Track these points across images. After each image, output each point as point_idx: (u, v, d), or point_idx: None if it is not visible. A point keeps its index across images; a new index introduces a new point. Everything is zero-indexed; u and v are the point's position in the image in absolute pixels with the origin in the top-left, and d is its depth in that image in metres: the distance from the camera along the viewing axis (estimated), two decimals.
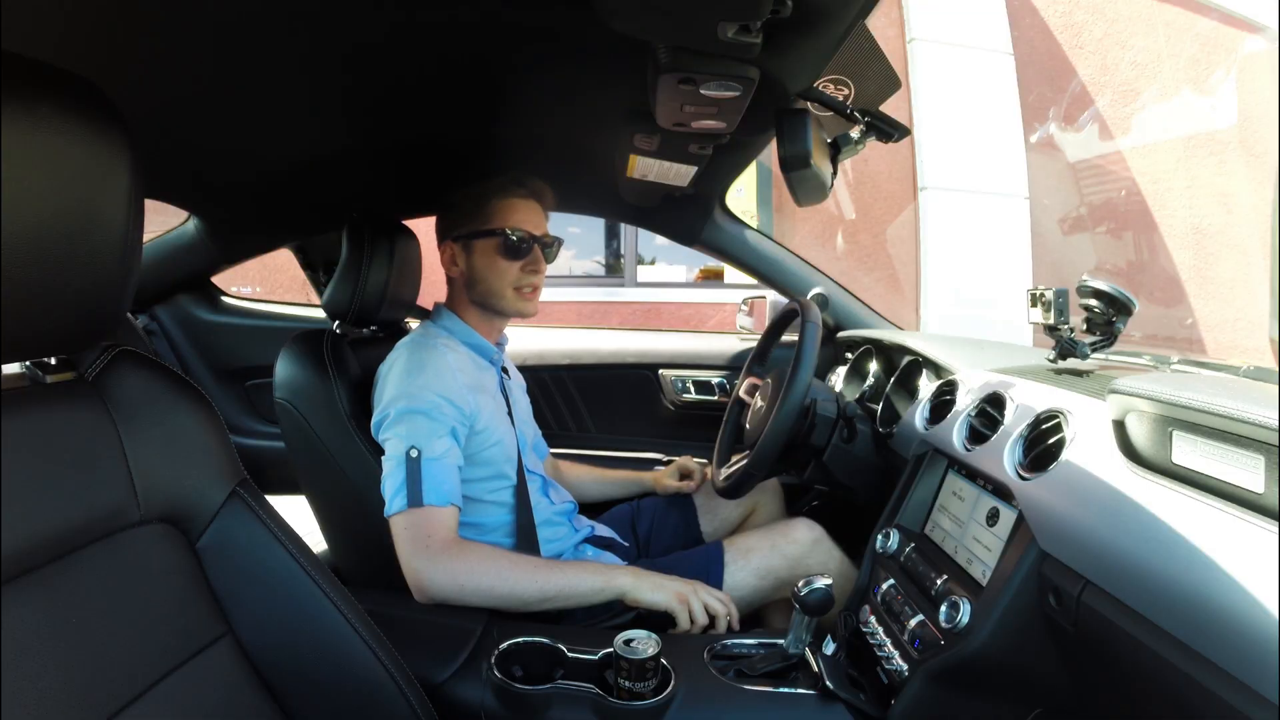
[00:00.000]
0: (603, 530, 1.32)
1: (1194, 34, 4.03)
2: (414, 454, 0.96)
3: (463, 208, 1.14)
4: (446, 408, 1.01)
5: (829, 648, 0.88)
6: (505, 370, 1.25)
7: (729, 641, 0.92)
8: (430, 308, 1.23)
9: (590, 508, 1.42)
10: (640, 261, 4.25)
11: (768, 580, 1.13)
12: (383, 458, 1.00)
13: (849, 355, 1.64)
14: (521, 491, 1.13)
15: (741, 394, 1.41)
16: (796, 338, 1.11)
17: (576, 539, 1.24)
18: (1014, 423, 0.85)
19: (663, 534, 1.38)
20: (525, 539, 1.11)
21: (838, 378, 1.66)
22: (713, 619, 0.99)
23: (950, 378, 1.10)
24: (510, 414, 1.19)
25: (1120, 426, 0.68)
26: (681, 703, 0.79)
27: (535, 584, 0.95)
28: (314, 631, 0.64)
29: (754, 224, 1.72)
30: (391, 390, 1.02)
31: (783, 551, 1.14)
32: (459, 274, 1.16)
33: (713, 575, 1.10)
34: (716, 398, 1.83)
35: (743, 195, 4.13)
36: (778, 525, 1.20)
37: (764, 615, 1.22)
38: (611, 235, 4.34)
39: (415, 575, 0.94)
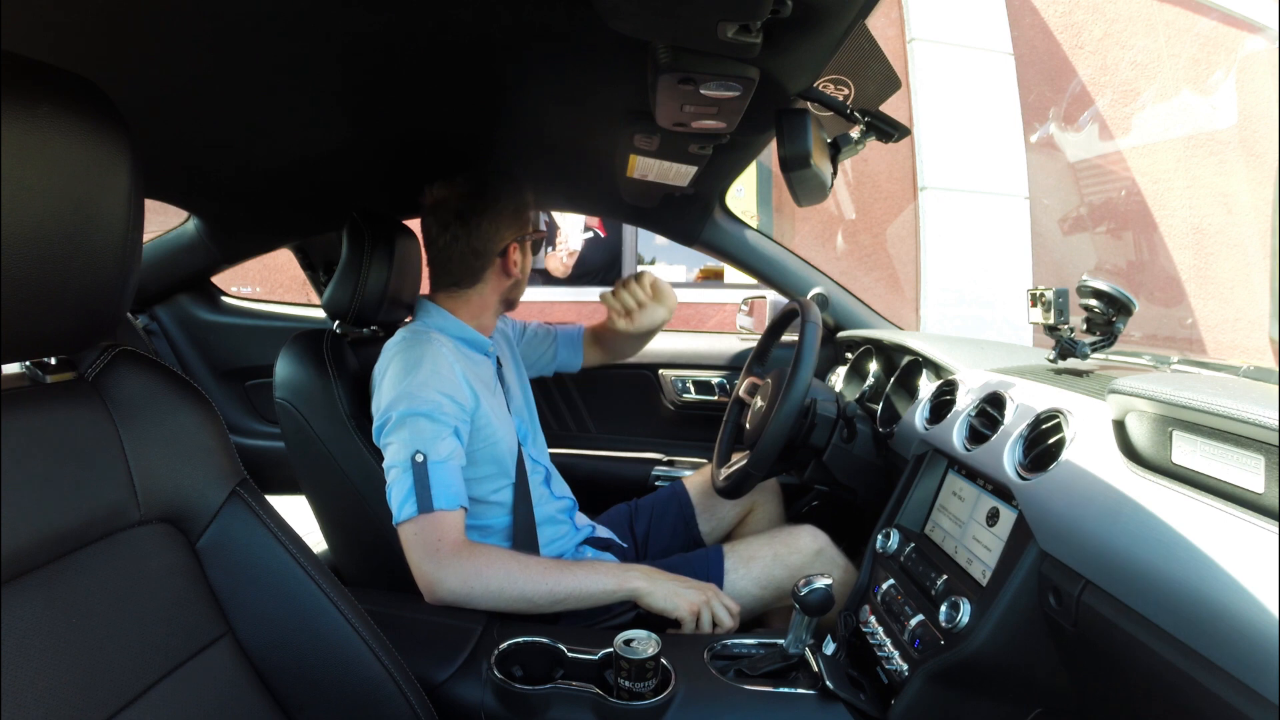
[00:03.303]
0: (601, 531, 1.32)
1: (1194, 34, 4.03)
2: (419, 459, 0.95)
3: (508, 209, 1.15)
4: (448, 405, 1.00)
5: (829, 648, 0.88)
6: (499, 361, 1.25)
7: (729, 641, 0.92)
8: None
9: (588, 508, 1.42)
10: (640, 261, 4.25)
11: (769, 590, 1.13)
12: (385, 463, 0.99)
13: (849, 355, 1.64)
14: (521, 487, 1.13)
15: (741, 394, 1.41)
16: (796, 338, 1.11)
17: (578, 539, 1.24)
18: (1014, 423, 0.85)
19: (660, 534, 1.38)
20: (525, 539, 1.11)
21: (838, 378, 1.66)
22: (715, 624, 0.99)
23: (950, 378, 1.10)
24: (508, 406, 1.19)
25: (1120, 426, 0.68)
26: (681, 703, 0.79)
27: (545, 585, 0.95)
28: (314, 631, 0.64)
29: (754, 224, 1.72)
30: (390, 392, 1.00)
31: (785, 562, 1.13)
32: (514, 274, 1.18)
33: (712, 581, 1.09)
34: (716, 398, 1.83)
35: (743, 195, 4.13)
36: (781, 533, 1.18)
37: (764, 617, 1.22)
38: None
39: (426, 579, 0.93)
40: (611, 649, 0.78)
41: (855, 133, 0.97)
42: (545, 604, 0.95)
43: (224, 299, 1.92)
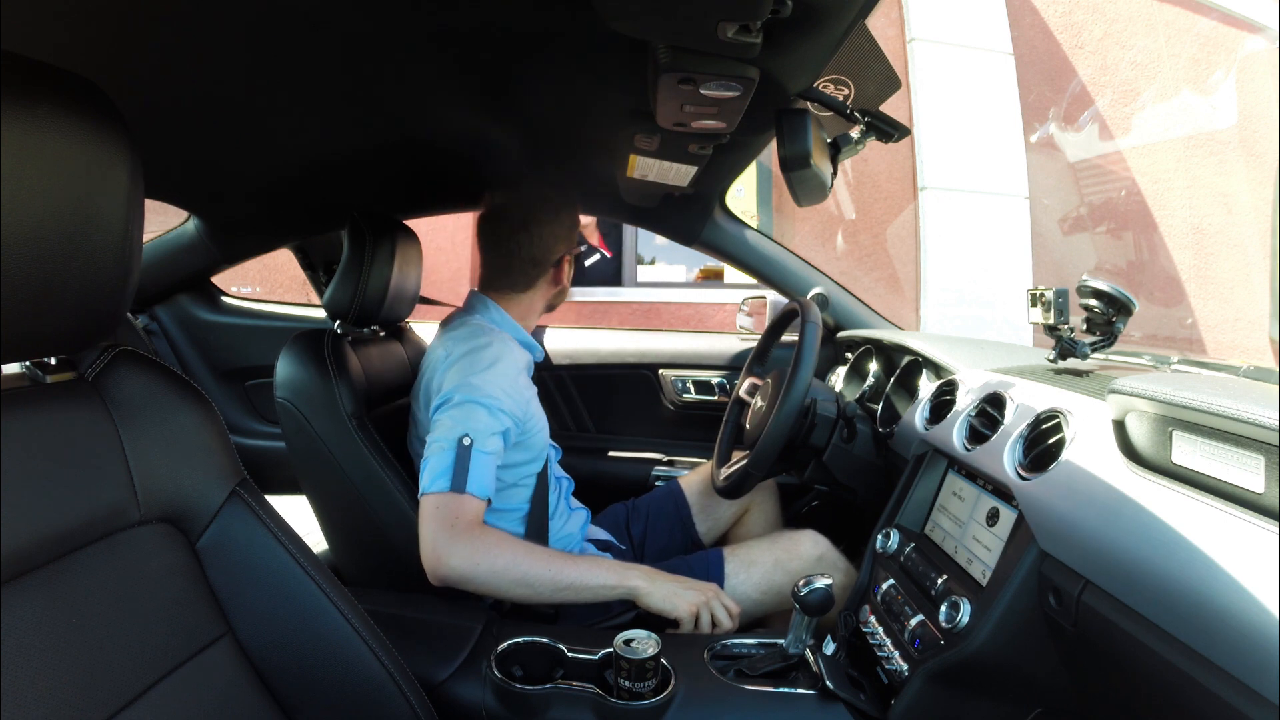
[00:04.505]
0: (598, 533, 1.33)
1: (1194, 34, 4.03)
2: (466, 441, 0.97)
3: (567, 222, 1.21)
4: (507, 403, 1.02)
5: (829, 648, 0.88)
6: None
7: (729, 641, 0.92)
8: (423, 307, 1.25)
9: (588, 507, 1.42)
10: (640, 261, 4.25)
11: (769, 595, 1.13)
12: (429, 436, 1.00)
13: (849, 355, 1.64)
14: (543, 475, 1.15)
15: (741, 394, 1.41)
16: (796, 338, 1.11)
17: (574, 519, 1.26)
18: (1014, 423, 0.85)
19: (658, 534, 1.38)
20: (538, 523, 1.13)
21: (838, 378, 1.66)
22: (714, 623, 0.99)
23: (950, 378, 1.10)
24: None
25: (1120, 426, 0.68)
26: (681, 703, 0.79)
27: (549, 572, 0.96)
28: (314, 631, 0.64)
29: (754, 224, 1.72)
30: (457, 378, 1.03)
31: (786, 567, 1.13)
32: (563, 282, 1.24)
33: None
34: (716, 398, 1.83)
35: (743, 195, 4.13)
36: (782, 538, 1.19)
37: (764, 619, 1.22)
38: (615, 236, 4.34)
39: (434, 553, 0.94)
40: (611, 649, 0.78)
41: (855, 133, 0.97)
42: (546, 591, 0.96)
43: (224, 299, 1.92)
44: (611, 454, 1.87)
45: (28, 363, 0.56)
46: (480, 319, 1.16)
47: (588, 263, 4.11)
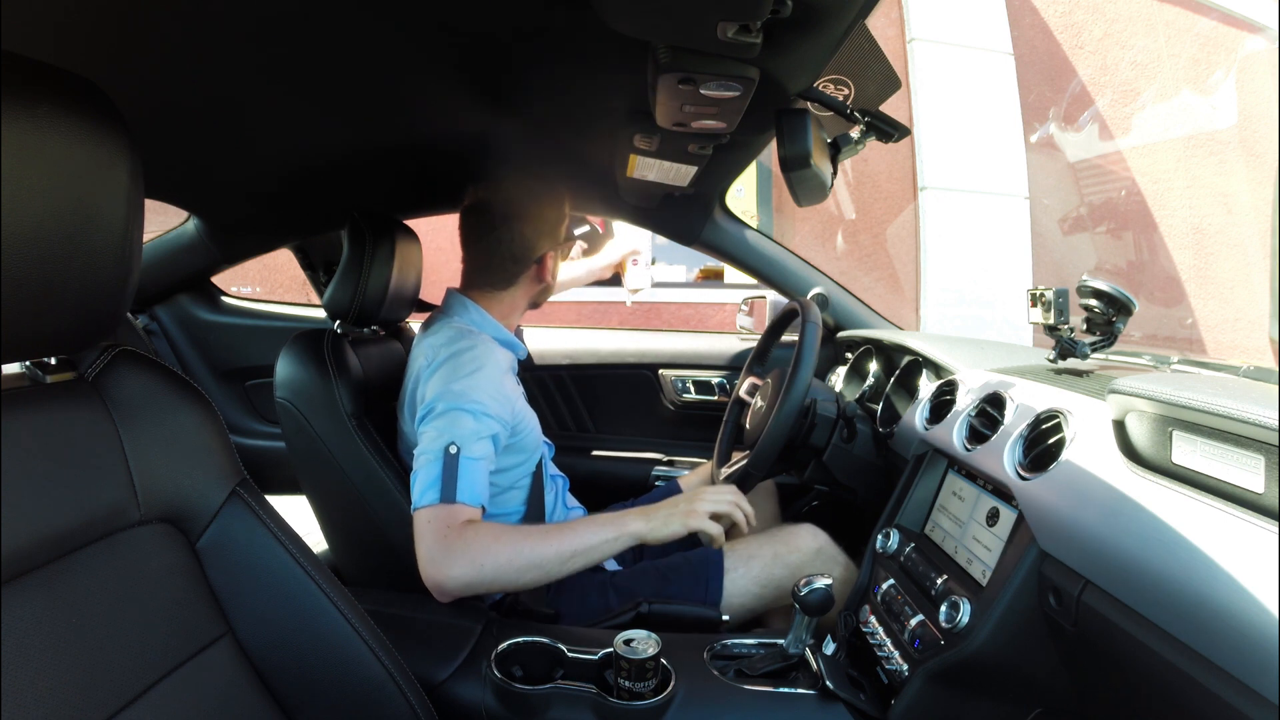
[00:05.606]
0: None
1: (1194, 34, 4.03)
2: (453, 450, 0.94)
3: (551, 218, 1.18)
4: (493, 408, 1.01)
5: (829, 648, 0.88)
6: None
7: (729, 641, 0.92)
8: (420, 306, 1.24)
9: (587, 507, 1.42)
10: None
11: (769, 589, 1.13)
12: (416, 449, 0.98)
13: (849, 355, 1.64)
14: (538, 474, 1.15)
15: (741, 394, 1.41)
16: (796, 338, 1.11)
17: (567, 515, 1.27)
18: (1014, 423, 0.85)
19: None
20: (535, 520, 1.12)
21: (838, 378, 1.66)
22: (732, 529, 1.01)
23: (950, 378, 1.10)
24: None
25: (1120, 426, 0.68)
26: (681, 703, 0.79)
27: (552, 548, 0.93)
28: (314, 631, 0.64)
29: (754, 224, 1.72)
30: (440, 385, 1.00)
31: (785, 561, 1.13)
32: (547, 280, 1.21)
33: (712, 580, 1.10)
34: (716, 398, 1.83)
35: (743, 195, 4.13)
36: (781, 532, 1.19)
37: (765, 617, 1.22)
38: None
39: (434, 568, 0.90)
40: (611, 649, 0.78)
41: (855, 133, 0.97)
42: (554, 566, 0.94)
43: (224, 299, 1.92)
44: (611, 454, 1.87)
45: (28, 363, 0.56)
46: (460, 320, 1.14)
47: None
